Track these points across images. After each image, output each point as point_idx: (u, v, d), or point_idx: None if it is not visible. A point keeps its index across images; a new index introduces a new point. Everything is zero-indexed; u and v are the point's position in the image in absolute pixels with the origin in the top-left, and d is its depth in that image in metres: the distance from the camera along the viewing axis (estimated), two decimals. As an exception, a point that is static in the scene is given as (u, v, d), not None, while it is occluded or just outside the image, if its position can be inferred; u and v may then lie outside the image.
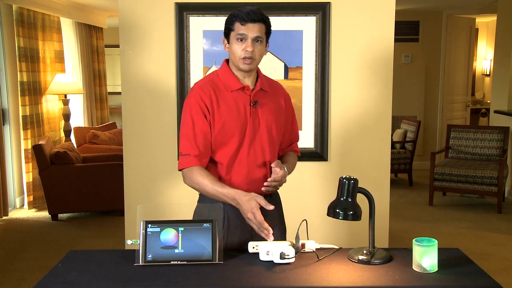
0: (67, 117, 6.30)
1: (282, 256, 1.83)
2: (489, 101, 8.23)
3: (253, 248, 1.94)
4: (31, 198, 5.77)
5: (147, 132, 3.28)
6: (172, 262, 1.84)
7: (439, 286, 1.70)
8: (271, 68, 3.21)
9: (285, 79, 3.24)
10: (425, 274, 1.78)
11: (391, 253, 1.96)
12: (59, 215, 5.40)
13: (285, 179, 2.08)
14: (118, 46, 3.25)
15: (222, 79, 2.10)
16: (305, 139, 3.25)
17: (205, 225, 1.89)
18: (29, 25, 5.68)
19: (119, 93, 3.74)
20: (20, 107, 5.60)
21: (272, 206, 1.94)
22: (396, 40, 3.38)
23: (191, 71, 3.21)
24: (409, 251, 1.89)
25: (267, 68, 3.18)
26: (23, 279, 3.83)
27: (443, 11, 7.67)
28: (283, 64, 3.24)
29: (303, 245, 1.96)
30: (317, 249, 1.98)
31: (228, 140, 2.06)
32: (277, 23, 3.11)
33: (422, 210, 5.78)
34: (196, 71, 3.21)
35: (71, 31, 6.94)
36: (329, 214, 1.93)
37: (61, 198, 5.27)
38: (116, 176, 4.91)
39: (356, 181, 1.91)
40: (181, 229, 1.87)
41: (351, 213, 1.89)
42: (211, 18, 3.18)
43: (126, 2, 3.20)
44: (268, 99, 2.14)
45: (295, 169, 2.28)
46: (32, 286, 2.70)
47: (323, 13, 3.19)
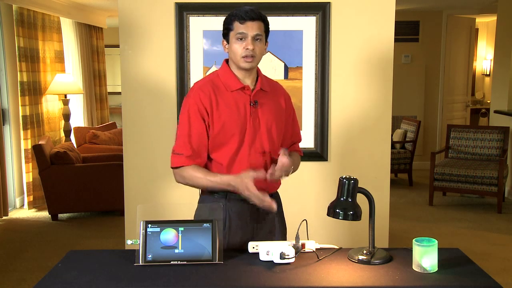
0: (67, 117, 6.29)
1: (282, 256, 1.83)
2: (489, 101, 8.23)
3: (253, 248, 1.94)
4: (31, 198, 5.77)
5: (147, 132, 3.28)
6: (172, 262, 1.84)
7: (439, 286, 1.70)
8: (271, 68, 3.21)
9: (285, 79, 3.24)
10: (425, 274, 1.78)
11: (391, 253, 1.96)
12: (59, 215, 5.40)
13: (290, 170, 2.05)
14: (118, 46, 3.25)
15: (222, 79, 2.10)
16: (305, 139, 3.24)
17: (205, 225, 1.89)
18: (29, 25, 5.68)
19: (119, 93, 3.74)
20: (20, 107, 5.60)
21: (262, 173, 1.94)
22: (396, 40, 3.38)
23: (191, 71, 3.21)
24: (409, 251, 1.89)
25: (267, 68, 3.18)
26: (23, 279, 3.83)
27: (443, 11, 7.67)
28: (283, 64, 3.24)
29: (303, 245, 1.96)
30: (317, 249, 1.98)
31: (228, 140, 2.06)
32: (277, 23, 3.11)
33: (422, 210, 5.77)
34: (196, 71, 3.21)
35: (71, 31, 6.94)
36: (329, 214, 1.93)
37: (61, 198, 5.27)
38: (116, 176, 4.91)
39: (356, 181, 1.91)
40: (181, 229, 1.87)
41: (351, 213, 1.89)
42: (211, 18, 3.18)
43: (126, 2, 3.20)
44: (268, 99, 2.14)
45: (295, 169, 2.28)
46: (32, 286, 2.70)
47: (323, 13, 3.19)
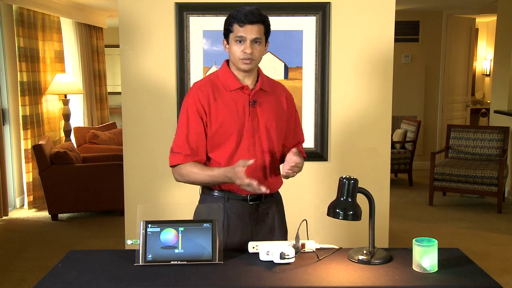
0: (67, 117, 6.29)
1: (282, 256, 1.83)
2: (489, 101, 8.23)
3: (253, 248, 1.94)
4: (31, 198, 5.76)
5: (147, 132, 3.28)
6: (172, 262, 1.84)
7: (439, 286, 1.70)
8: (271, 68, 3.21)
9: (285, 79, 3.24)
10: (425, 274, 1.78)
11: (391, 253, 1.96)
12: (59, 215, 5.39)
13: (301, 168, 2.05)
14: (118, 46, 3.25)
15: (221, 79, 2.10)
16: (305, 139, 3.22)
17: (205, 225, 1.89)
18: (29, 25, 5.68)
19: (119, 93, 3.74)
20: (20, 107, 5.60)
21: (253, 161, 1.92)
22: (396, 40, 3.38)
23: (191, 71, 3.21)
24: (409, 251, 1.89)
25: (267, 68, 3.18)
26: (23, 279, 3.83)
27: (443, 11, 7.67)
28: (283, 64, 3.24)
29: (303, 245, 1.96)
30: (317, 249, 1.98)
31: (226, 139, 2.05)
32: (277, 23, 3.10)
33: (422, 210, 5.77)
34: (196, 71, 3.21)
35: (71, 31, 6.93)
36: (329, 214, 1.93)
37: (61, 198, 5.26)
38: (116, 176, 4.91)
39: (356, 181, 1.91)
40: (181, 229, 1.87)
41: (351, 213, 1.89)
42: (211, 18, 3.18)
43: (126, 2, 3.20)
44: (268, 99, 2.13)
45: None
46: (32, 286, 2.70)
47: (323, 13, 3.19)
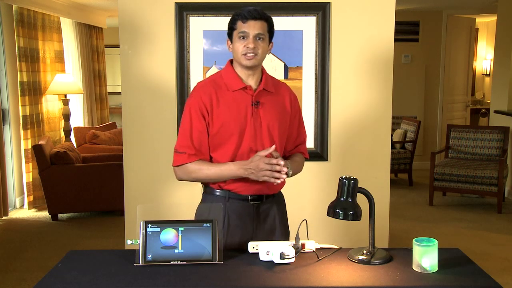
0: (67, 117, 6.29)
1: (282, 256, 1.83)
2: (489, 101, 8.23)
3: (253, 248, 1.94)
4: (31, 198, 5.76)
5: (147, 132, 3.28)
6: (172, 262, 1.84)
7: (439, 286, 1.70)
8: (271, 68, 3.21)
9: (285, 79, 3.24)
10: (425, 274, 1.78)
11: (391, 253, 1.96)
12: (59, 215, 5.39)
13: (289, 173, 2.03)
14: (118, 46, 3.25)
15: (224, 79, 2.10)
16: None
17: (205, 225, 1.89)
18: (29, 25, 5.68)
19: (119, 93, 3.74)
20: (20, 107, 5.60)
21: (272, 148, 1.96)
22: (396, 40, 3.38)
23: (191, 71, 3.21)
24: (409, 251, 1.89)
25: (267, 68, 3.13)
26: (23, 279, 3.83)
27: (443, 11, 7.67)
28: (283, 64, 3.24)
29: (303, 245, 1.96)
30: (317, 249, 1.98)
31: (227, 139, 2.05)
32: (277, 23, 3.07)
33: (422, 210, 5.77)
34: (196, 71, 3.21)
35: (71, 31, 6.93)
36: (329, 214, 1.93)
37: (61, 198, 5.26)
38: (116, 176, 4.91)
39: (356, 181, 1.91)
40: (181, 229, 1.87)
41: (351, 213, 1.89)
42: (211, 18, 3.18)
43: (126, 2, 3.20)
44: (271, 100, 2.12)
45: (295, 168, 2.27)
46: (32, 286, 2.70)
47: (323, 13, 3.19)
